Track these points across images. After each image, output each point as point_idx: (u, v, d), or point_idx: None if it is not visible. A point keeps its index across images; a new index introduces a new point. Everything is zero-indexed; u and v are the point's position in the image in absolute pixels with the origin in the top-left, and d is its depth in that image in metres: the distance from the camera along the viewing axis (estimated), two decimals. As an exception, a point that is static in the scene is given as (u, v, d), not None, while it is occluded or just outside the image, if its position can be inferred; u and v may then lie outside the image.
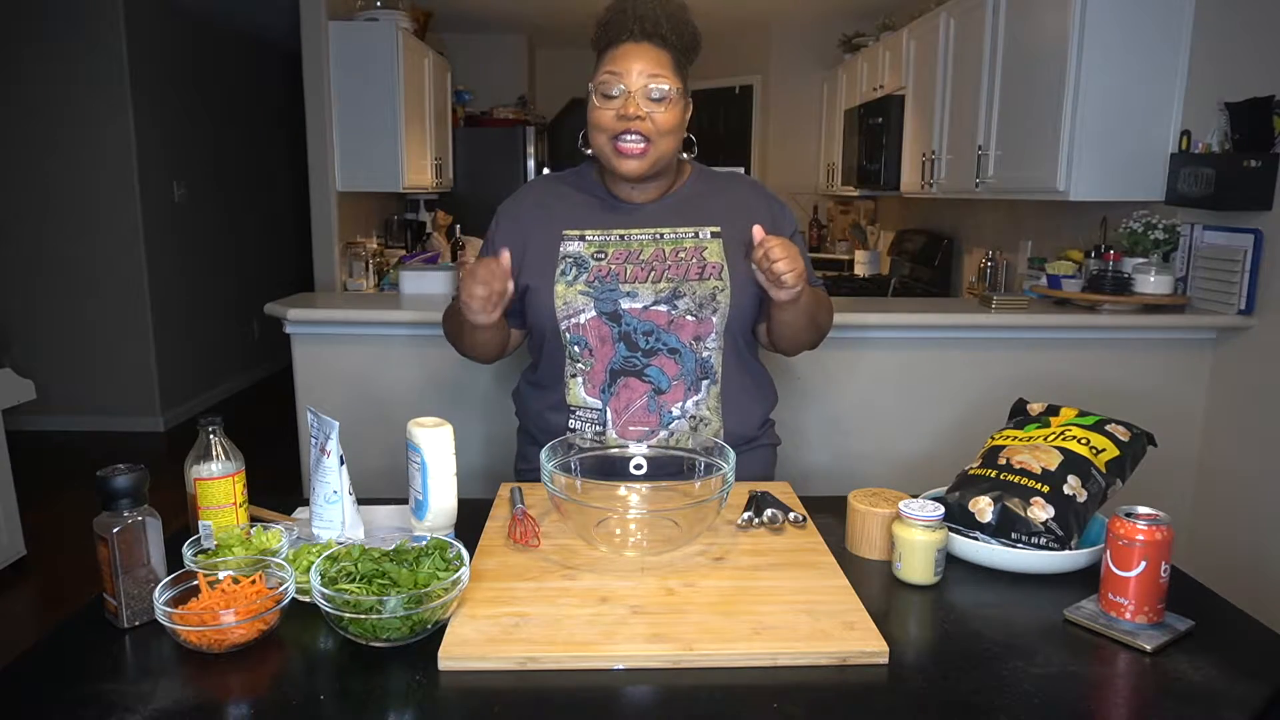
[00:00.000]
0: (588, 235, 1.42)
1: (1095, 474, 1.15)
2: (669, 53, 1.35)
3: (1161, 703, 0.86)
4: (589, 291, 1.38)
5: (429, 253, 4.69)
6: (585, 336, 1.39)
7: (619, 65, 1.33)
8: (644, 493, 1.25)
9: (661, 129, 1.33)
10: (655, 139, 1.33)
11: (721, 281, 1.39)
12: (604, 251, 1.41)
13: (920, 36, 3.88)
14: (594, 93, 1.36)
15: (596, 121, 1.35)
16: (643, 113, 1.32)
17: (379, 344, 2.37)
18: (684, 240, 1.42)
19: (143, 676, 0.88)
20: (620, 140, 1.33)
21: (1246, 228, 2.29)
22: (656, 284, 1.38)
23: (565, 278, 1.39)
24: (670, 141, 1.36)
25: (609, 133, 1.34)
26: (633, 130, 1.32)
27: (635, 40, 1.33)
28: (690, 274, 1.39)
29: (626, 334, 1.38)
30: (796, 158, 5.95)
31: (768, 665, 0.89)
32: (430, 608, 0.90)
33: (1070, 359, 2.45)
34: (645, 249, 1.41)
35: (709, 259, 1.41)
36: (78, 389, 4.66)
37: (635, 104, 1.32)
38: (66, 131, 4.46)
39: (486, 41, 6.33)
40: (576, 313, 1.38)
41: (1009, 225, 3.73)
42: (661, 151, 1.35)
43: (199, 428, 1.13)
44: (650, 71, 1.32)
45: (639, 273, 1.39)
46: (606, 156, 1.36)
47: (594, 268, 1.39)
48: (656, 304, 1.38)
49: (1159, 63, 2.52)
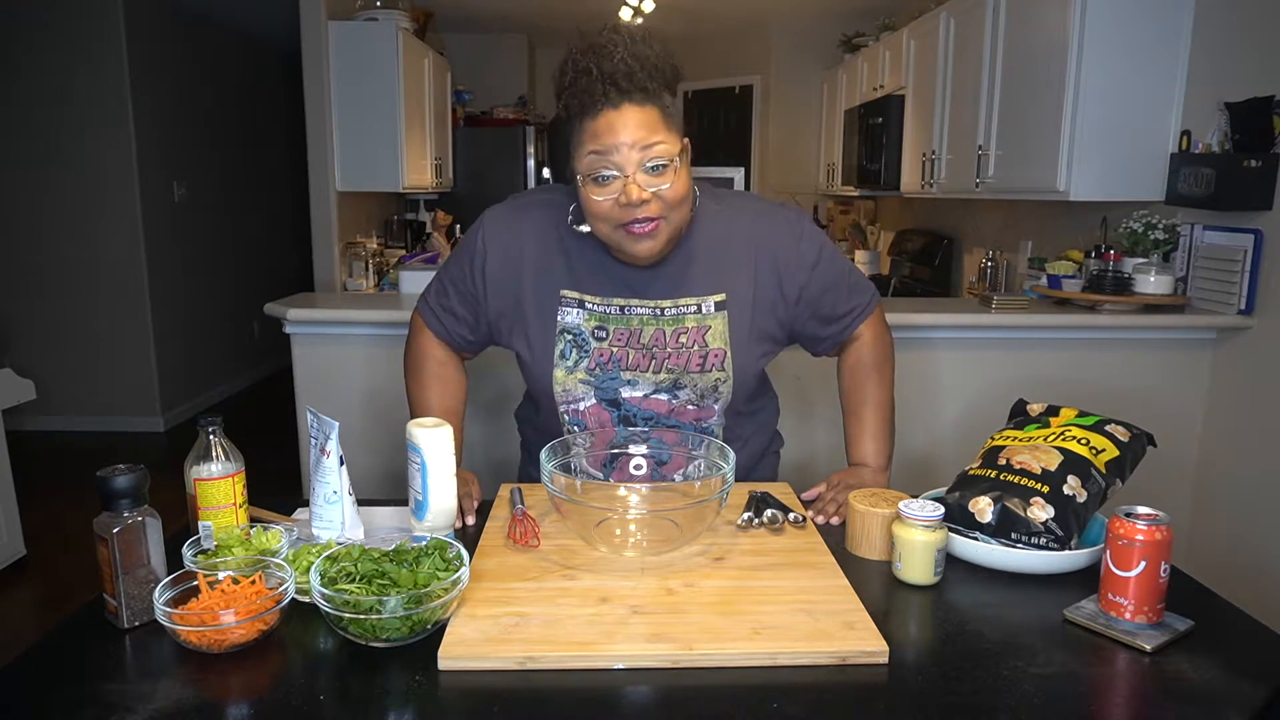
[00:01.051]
0: (587, 303, 1.31)
1: (1095, 474, 1.15)
2: (654, 107, 1.16)
3: (1161, 703, 0.86)
4: (589, 380, 1.32)
5: (429, 253, 4.69)
6: (584, 420, 1.35)
7: (602, 141, 1.14)
8: (644, 493, 1.25)
9: (671, 203, 1.18)
10: (667, 214, 1.18)
11: (724, 373, 1.32)
12: (604, 329, 1.31)
13: (920, 36, 3.89)
14: (583, 178, 1.18)
15: (596, 212, 1.19)
16: (647, 195, 1.15)
17: (379, 344, 2.37)
18: (685, 318, 1.30)
19: (143, 677, 0.88)
20: (630, 226, 1.18)
21: (1246, 228, 2.29)
22: (657, 374, 1.31)
23: (565, 362, 1.32)
24: (683, 211, 1.21)
25: (614, 222, 1.18)
26: (641, 221, 1.17)
27: (613, 106, 1.14)
28: (691, 365, 1.31)
29: (626, 417, 1.35)
30: (796, 158, 5.95)
31: (767, 665, 0.89)
32: (430, 608, 0.90)
33: (1070, 359, 2.45)
34: (645, 328, 1.30)
35: (711, 345, 1.31)
36: (78, 389, 4.66)
37: (636, 188, 1.14)
38: (66, 132, 4.46)
39: (486, 41, 6.33)
40: (576, 400, 1.34)
41: (1009, 225, 3.73)
42: (675, 224, 1.21)
43: (199, 428, 1.12)
44: (643, 142, 1.14)
45: (640, 360, 1.31)
46: (617, 245, 1.22)
47: (594, 351, 1.31)
48: (657, 393, 1.33)
49: (1159, 63, 2.52)
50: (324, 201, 4.17)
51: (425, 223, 5.37)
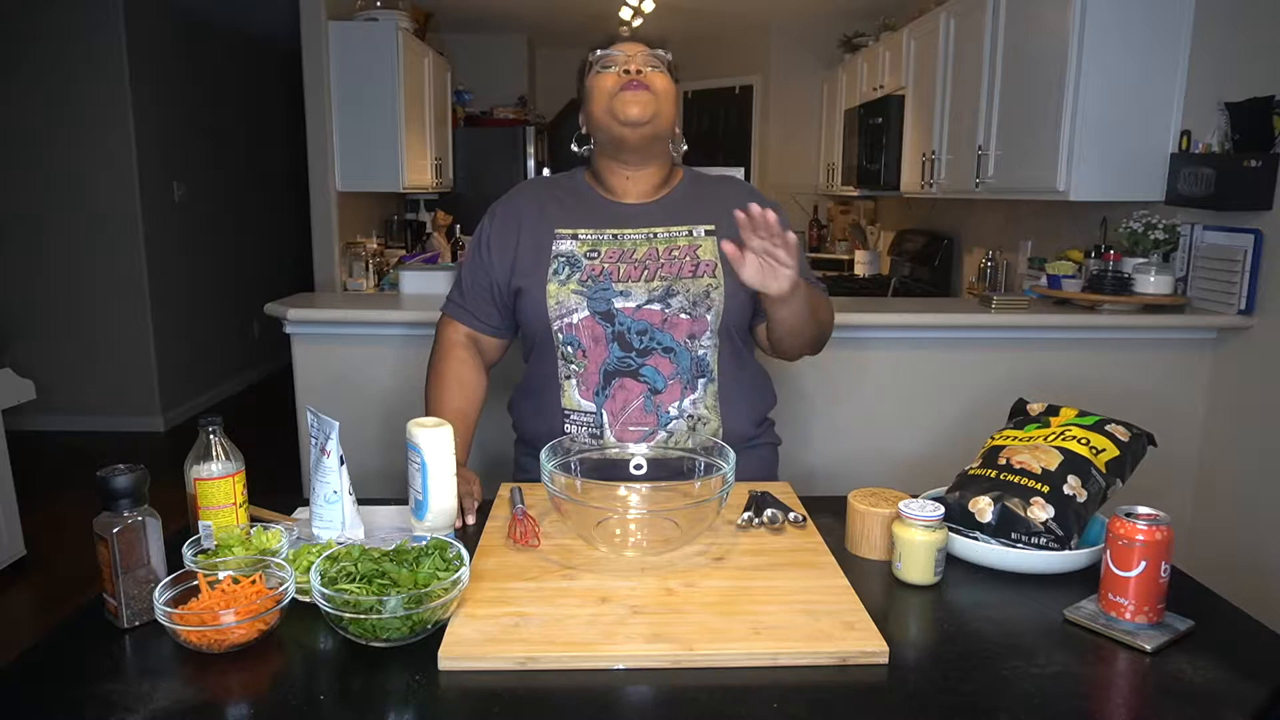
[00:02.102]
0: (580, 234, 1.42)
1: (1095, 474, 1.15)
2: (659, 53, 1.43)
3: (1161, 703, 0.86)
4: (582, 291, 1.38)
5: (429, 253, 4.69)
6: (578, 336, 1.38)
7: (614, 47, 1.41)
8: (644, 493, 1.25)
9: (662, 91, 1.38)
10: (656, 93, 1.37)
11: (715, 279, 1.39)
12: (597, 250, 1.41)
13: (920, 36, 3.89)
14: (593, 70, 1.41)
15: (597, 88, 1.40)
16: (646, 70, 1.38)
17: (379, 344, 2.37)
18: (677, 238, 1.42)
19: (143, 676, 0.88)
20: (624, 91, 1.36)
21: (1246, 228, 2.29)
22: (650, 282, 1.38)
23: (558, 277, 1.39)
24: (669, 109, 1.40)
25: (610, 92, 1.37)
26: (635, 82, 1.36)
27: (625, 40, 1.42)
28: (684, 271, 1.39)
29: (620, 334, 1.37)
30: (796, 158, 5.95)
31: (768, 665, 0.89)
32: (430, 608, 0.90)
33: (1070, 359, 2.45)
34: (638, 248, 1.41)
35: (703, 257, 1.41)
36: (78, 389, 4.66)
37: (636, 63, 1.38)
38: (66, 131, 4.46)
39: (486, 41, 6.33)
40: (569, 312, 1.38)
41: (1009, 225, 3.73)
42: (661, 110, 1.38)
43: (199, 428, 1.12)
44: (645, 52, 1.40)
45: (632, 271, 1.39)
46: (608, 118, 1.38)
47: (586, 266, 1.39)
48: (650, 302, 1.37)
49: (1159, 63, 2.52)
50: (324, 201, 4.17)
51: (425, 223, 5.37)
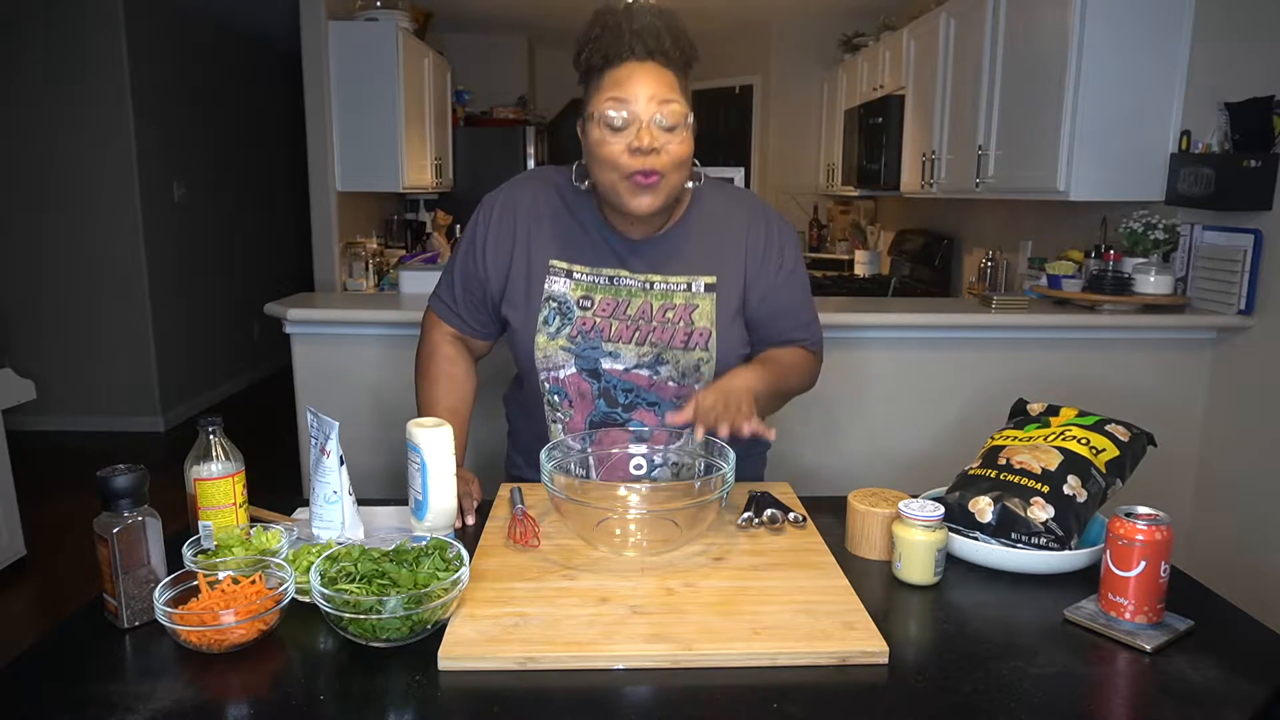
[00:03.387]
0: (576, 273, 1.33)
1: (1095, 474, 1.15)
2: (674, 72, 1.21)
3: (1161, 703, 0.86)
4: (570, 348, 1.33)
5: (429, 253, 4.69)
6: (565, 389, 1.35)
7: (624, 90, 1.18)
8: (644, 493, 1.25)
9: (675, 161, 1.21)
10: (668, 173, 1.21)
11: (707, 352, 1.33)
12: (590, 298, 1.33)
13: (920, 36, 3.89)
14: (594, 123, 1.21)
15: (604, 158, 1.21)
16: (658, 144, 1.18)
17: (379, 344, 2.37)
18: (674, 294, 1.33)
19: (143, 676, 0.88)
20: (635, 177, 1.20)
21: (1246, 228, 2.29)
22: (640, 346, 1.32)
23: (548, 328, 1.33)
24: (682, 174, 1.25)
25: (622, 170, 1.20)
26: (646, 170, 1.19)
27: (638, 59, 1.18)
28: (675, 341, 1.32)
29: (606, 390, 1.34)
30: (796, 158, 5.95)
31: (767, 665, 0.89)
32: (430, 608, 0.90)
33: (1070, 359, 2.45)
34: (633, 299, 1.32)
35: (697, 323, 1.32)
36: (78, 389, 4.66)
37: (650, 134, 1.18)
38: (66, 131, 4.46)
39: (486, 41, 6.33)
40: (556, 367, 1.34)
41: (1009, 225, 3.73)
42: (673, 185, 1.24)
43: (199, 428, 1.13)
44: (661, 96, 1.18)
45: (623, 331, 1.32)
46: (616, 194, 1.23)
47: (577, 319, 1.32)
48: (638, 367, 1.33)
49: (1159, 63, 2.52)
50: (324, 201, 4.17)
51: (425, 223, 5.37)
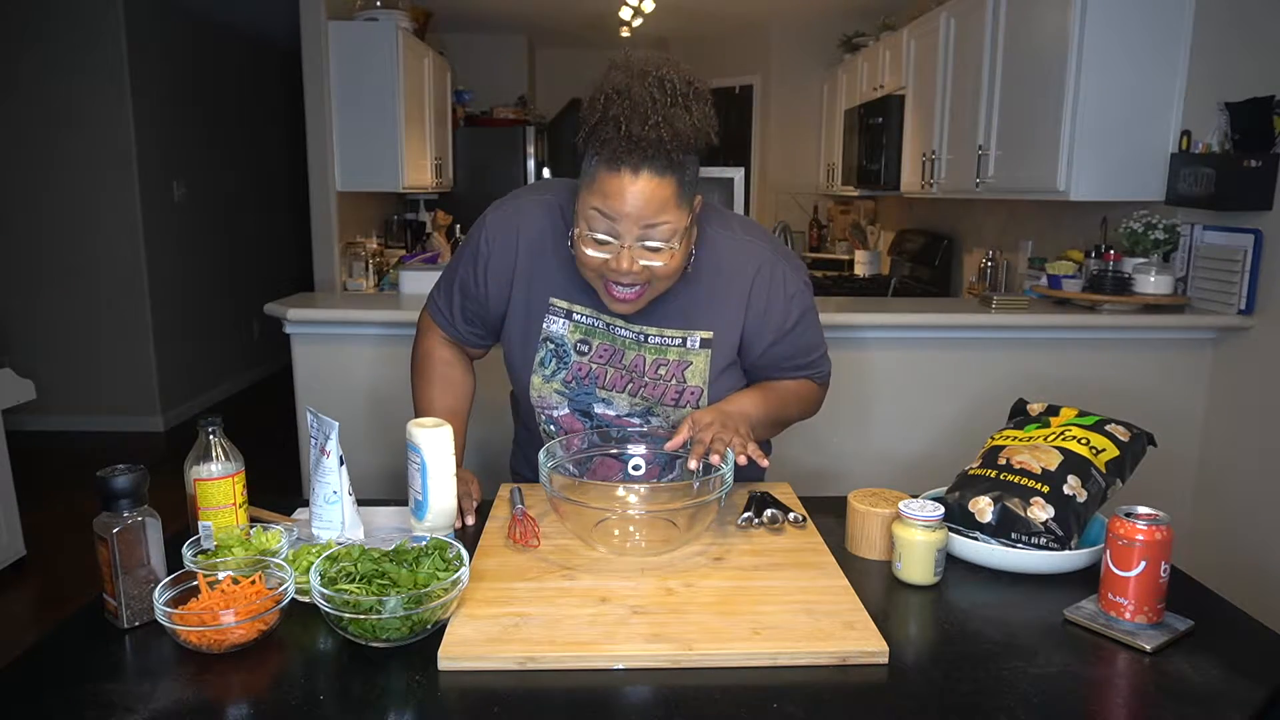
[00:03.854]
0: (575, 314, 1.31)
1: (1095, 474, 1.15)
2: (673, 178, 1.12)
3: (1161, 703, 0.86)
4: (564, 391, 1.34)
5: (429, 253, 4.69)
6: (559, 424, 1.37)
7: (610, 204, 1.11)
8: (643, 493, 1.25)
9: (662, 275, 1.18)
10: (653, 282, 1.19)
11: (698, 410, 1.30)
12: (588, 343, 1.31)
13: (920, 36, 3.88)
14: (580, 218, 1.16)
15: (584, 262, 1.18)
16: (637, 268, 1.15)
17: (379, 344, 2.37)
18: (668, 349, 1.30)
19: (143, 676, 0.88)
20: (611, 289, 1.19)
21: (1246, 228, 2.29)
22: (632, 397, 1.33)
23: (543, 369, 1.33)
24: (672, 278, 1.21)
25: (600, 277, 1.19)
26: (625, 283, 1.17)
27: (631, 171, 1.10)
28: (667, 398, 1.32)
29: (600, 428, 1.35)
30: (796, 158, 5.95)
31: (767, 665, 0.89)
32: (430, 608, 0.90)
33: (1070, 359, 2.45)
34: (628, 351, 1.31)
35: (690, 381, 1.31)
36: (78, 389, 4.66)
37: (629, 259, 1.14)
38: (66, 131, 4.45)
39: (486, 41, 6.33)
40: (550, 407, 1.36)
41: (1009, 225, 3.73)
42: (659, 290, 1.21)
43: (199, 428, 1.13)
44: (648, 218, 1.12)
45: (618, 380, 1.32)
46: (596, 290, 1.22)
47: (574, 364, 1.32)
48: (630, 415, 1.35)
49: (1159, 63, 2.52)
50: (324, 201, 4.17)
51: (425, 223, 5.37)
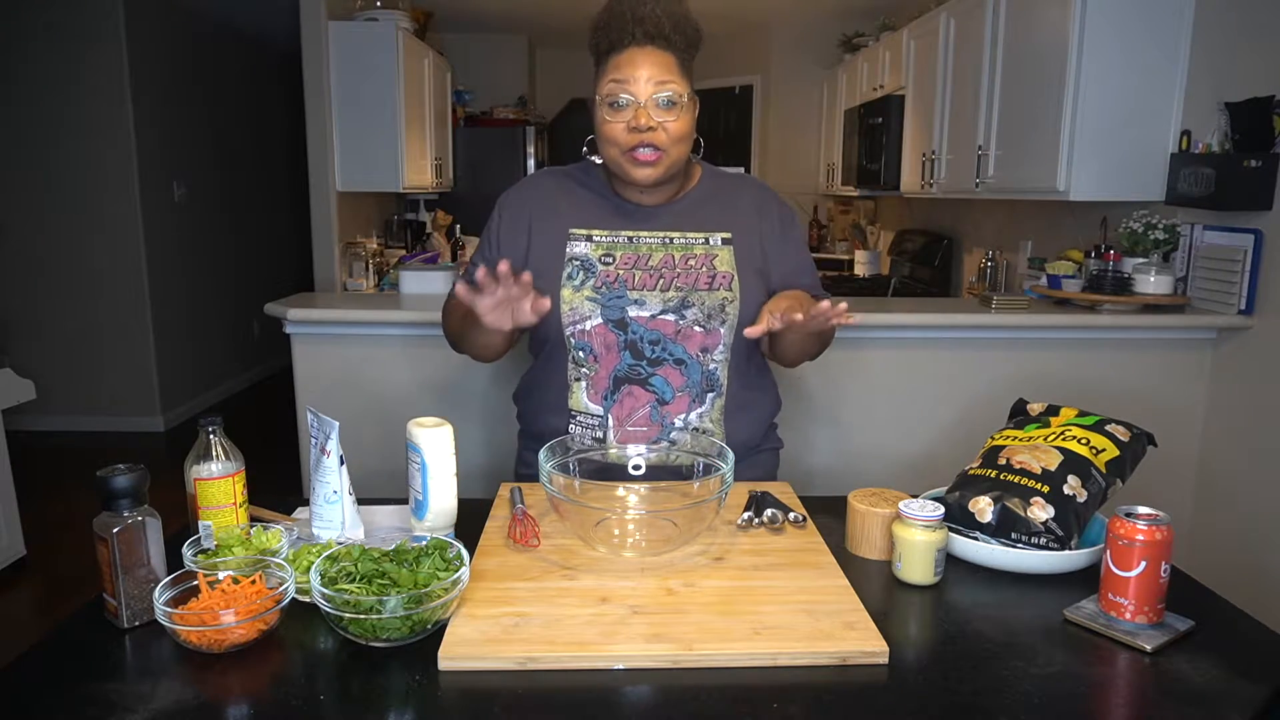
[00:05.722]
0: (595, 236, 1.40)
1: (1095, 474, 1.15)
2: (674, 55, 1.32)
3: (1161, 703, 0.86)
4: (595, 298, 1.36)
5: (429, 253, 4.69)
6: (590, 343, 1.37)
7: (624, 73, 1.30)
8: (642, 493, 1.25)
9: (674, 137, 1.31)
10: (668, 148, 1.31)
11: (731, 293, 1.38)
12: (611, 255, 1.38)
13: (920, 36, 3.88)
14: (600, 104, 1.33)
15: (608, 135, 1.32)
16: (655, 123, 1.29)
17: (379, 344, 2.37)
18: (694, 246, 1.40)
19: (143, 676, 0.88)
20: (634, 152, 1.31)
21: (1246, 228, 2.29)
22: (665, 292, 1.37)
23: (572, 282, 1.37)
24: (683, 148, 1.34)
25: (621, 146, 1.31)
26: (646, 143, 1.30)
27: (638, 44, 1.30)
28: (700, 283, 1.38)
29: (632, 342, 1.37)
30: (796, 158, 5.95)
31: (768, 665, 0.89)
32: (430, 608, 0.90)
33: (1070, 359, 2.45)
34: (654, 254, 1.39)
35: (719, 268, 1.39)
36: (78, 389, 4.66)
37: (646, 114, 1.29)
38: (66, 131, 4.45)
39: (486, 41, 6.33)
40: (582, 319, 1.37)
41: (1009, 225, 3.73)
42: (674, 159, 1.33)
43: (199, 428, 1.12)
44: (658, 78, 1.29)
45: (647, 279, 1.37)
46: (620, 167, 1.34)
47: (601, 272, 1.37)
48: (664, 313, 1.37)
49: (1159, 63, 2.52)
50: (324, 201, 4.17)
51: (425, 223, 5.37)
